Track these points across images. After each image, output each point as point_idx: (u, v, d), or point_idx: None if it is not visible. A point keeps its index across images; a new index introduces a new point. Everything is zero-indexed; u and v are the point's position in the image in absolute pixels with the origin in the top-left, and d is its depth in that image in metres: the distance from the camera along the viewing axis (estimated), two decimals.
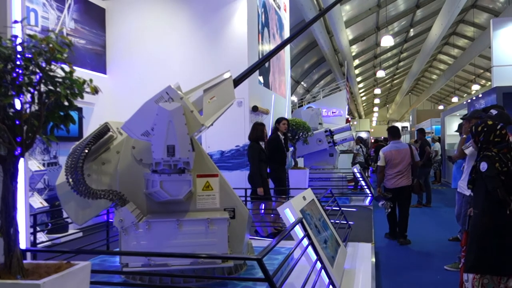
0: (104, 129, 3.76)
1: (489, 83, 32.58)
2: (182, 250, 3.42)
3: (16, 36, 2.10)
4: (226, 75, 4.00)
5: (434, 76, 38.76)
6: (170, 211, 3.69)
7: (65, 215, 6.60)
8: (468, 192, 5.61)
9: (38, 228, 4.40)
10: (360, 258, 4.76)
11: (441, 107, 41.24)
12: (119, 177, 3.71)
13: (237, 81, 4.13)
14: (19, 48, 2.07)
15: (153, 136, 3.34)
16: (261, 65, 5.35)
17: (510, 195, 3.67)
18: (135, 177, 3.69)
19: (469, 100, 15.10)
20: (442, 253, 6.47)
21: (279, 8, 11.38)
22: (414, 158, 7.20)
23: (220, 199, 3.77)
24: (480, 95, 13.65)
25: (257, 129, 6.72)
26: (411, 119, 34.34)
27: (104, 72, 8.95)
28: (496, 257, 3.71)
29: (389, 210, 7.18)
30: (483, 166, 3.77)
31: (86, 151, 3.41)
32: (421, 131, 12.41)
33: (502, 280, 3.75)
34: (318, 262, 3.37)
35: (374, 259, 4.85)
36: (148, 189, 3.59)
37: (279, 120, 7.84)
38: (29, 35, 2.11)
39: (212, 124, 3.81)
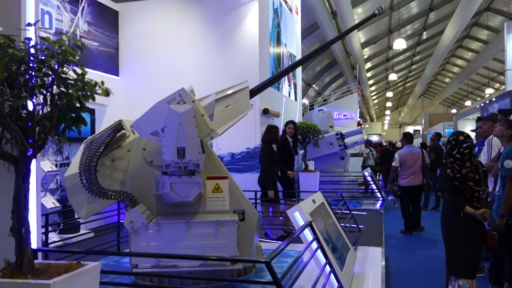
0: (118, 127, 3.81)
1: (503, 86, 32.21)
2: (191, 252, 3.44)
3: (29, 39, 2.13)
4: (243, 85, 4.00)
5: (447, 80, 38.41)
6: (180, 212, 3.71)
7: (77, 215, 6.67)
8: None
9: (50, 228, 4.45)
10: (370, 262, 4.73)
11: (454, 111, 40.88)
12: (130, 178, 3.74)
13: (253, 92, 4.14)
14: (32, 51, 2.10)
15: (163, 137, 3.36)
16: (279, 79, 5.40)
17: (469, 200, 3.94)
18: (146, 178, 3.72)
19: (482, 104, 14.95)
20: None
21: (291, 10, 11.38)
22: (425, 160, 8.21)
23: (230, 201, 3.78)
24: (494, 99, 13.50)
25: (271, 132, 6.70)
26: (423, 123, 34.10)
27: (117, 74, 9.02)
28: (452, 257, 4.07)
29: (396, 205, 8.24)
30: (438, 171, 4.15)
31: (101, 150, 3.45)
32: (437, 135, 12.37)
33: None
34: (327, 266, 3.36)
35: (384, 264, 4.81)
36: (158, 191, 3.61)
37: (286, 124, 7.89)
38: (42, 38, 2.14)
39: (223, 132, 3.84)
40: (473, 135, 6.15)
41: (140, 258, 3.51)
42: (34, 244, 2.45)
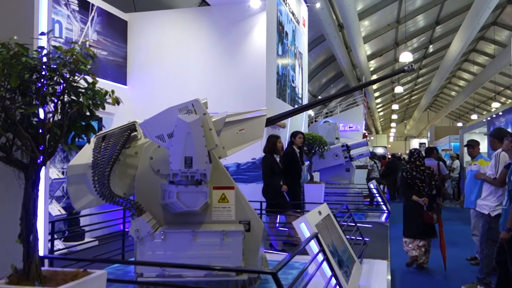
0: (132, 127, 3.88)
1: (510, 100, 32.12)
2: (196, 262, 3.43)
3: (42, 47, 2.15)
4: (261, 112, 4.04)
5: (453, 93, 38.34)
6: (186, 222, 3.71)
7: (82, 223, 6.68)
8: (486, 211, 5.52)
9: (55, 236, 4.46)
10: (376, 276, 4.69)
11: (460, 124, 40.74)
12: (137, 186, 3.76)
13: (270, 122, 4.20)
14: (44, 59, 2.12)
15: (171, 146, 3.38)
16: (296, 113, 5.66)
17: (417, 192, 6.34)
18: (152, 187, 3.73)
19: (489, 118, 14.90)
20: (459, 273, 6.35)
21: (298, 23, 11.45)
22: (441, 171, 9.14)
23: (236, 212, 3.77)
24: (500, 113, 13.46)
25: (269, 142, 6.75)
26: (429, 136, 33.99)
27: (125, 83, 9.09)
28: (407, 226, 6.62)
29: None
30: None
31: (115, 156, 3.50)
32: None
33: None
34: (333, 278, 3.34)
35: (389, 277, 4.77)
36: (164, 200, 3.62)
37: (294, 134, 7.81)
38: (54, 47, 2.17)
39: None
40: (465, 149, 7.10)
41: (145, 267, 3.51)
42: (41, 251, 2.45)
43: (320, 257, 3.35)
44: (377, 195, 11.13)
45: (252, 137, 3.96)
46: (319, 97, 26.07)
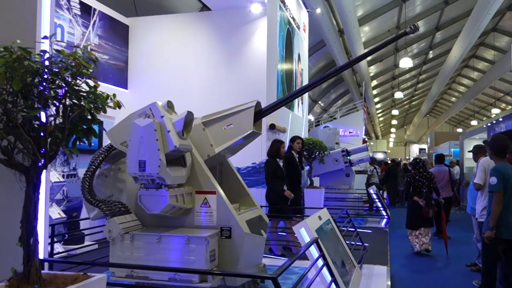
0: None
1: (510, 107, 32.17)
2: (162, 265, 3.39)
3: (44, 51, 2.16)
4: (249, 105, 3.98)
5: (453, 99, 38.38)
6: (168, 225, 3.70)
7: (81, 226, 6.67)
8: (477, 215, 5.67)
9: (55, 239, 4.46)
10: (375, 281, 4.69)
11: (460, 130, 40.75)
12: (126, 188, 3.83)
13: (264, 112, 4.10)
14: (46, 63, 2.13)
15: (128, 150, 3.43)
16: (288, 102, 5.54)
17: (419, 193, 7.63)
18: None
19: (489, 124, 14.90)
20: (459, 279, 6.34)
21: (299, 28, 11.48)
22: (452, 176, 9.97)
23: (218, 217, 3.67)
24: (501, 119, 13.47)
25: (274, 146, 6.76)
26: (429, 141, 34.00)
27: (126, 87, 9.11)
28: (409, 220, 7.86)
29: None
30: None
31: (92, 169, 3.70)
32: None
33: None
34: (333, 284, 3.34)
35: (389, 283, 4.77)
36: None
37: (293, 139, 7.79)
38: (57, 50, 2.18)
39: (232, 154, 4.04)
40: (470, 155, 7.38)
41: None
42: (41, 255, 2.45)
43: (320, 262, 3.34)
44: (377, 200, 11.12)
45: (241, 131, 3.88)
46: (320, 102, 26.13)
